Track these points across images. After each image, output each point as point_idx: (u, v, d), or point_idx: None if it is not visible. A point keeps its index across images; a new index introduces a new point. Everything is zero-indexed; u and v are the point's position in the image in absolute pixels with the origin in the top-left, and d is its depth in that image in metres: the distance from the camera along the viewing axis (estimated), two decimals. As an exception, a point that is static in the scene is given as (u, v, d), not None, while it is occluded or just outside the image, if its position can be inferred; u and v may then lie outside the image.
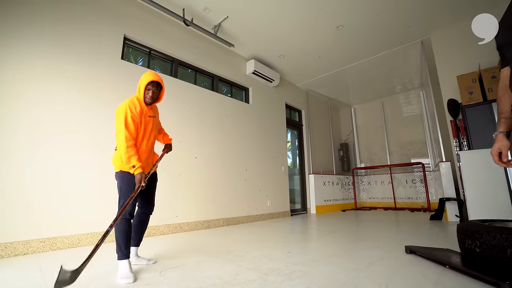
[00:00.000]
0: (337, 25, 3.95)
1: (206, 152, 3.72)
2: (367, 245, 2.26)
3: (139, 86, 1.73)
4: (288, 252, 2.06)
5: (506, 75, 1.07)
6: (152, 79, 1.71)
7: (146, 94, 1.73)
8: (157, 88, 1.76)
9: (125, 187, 1.63)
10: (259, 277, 1.47)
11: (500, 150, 1.01)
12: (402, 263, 1.68)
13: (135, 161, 1.56)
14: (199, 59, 3.92)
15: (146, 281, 1.46)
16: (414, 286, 1.29)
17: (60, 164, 2.40)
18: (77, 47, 2.67)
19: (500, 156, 1.02)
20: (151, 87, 1.73)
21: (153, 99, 1.76)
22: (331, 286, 1.30)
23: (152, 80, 1.71)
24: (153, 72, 1.76)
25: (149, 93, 1.73)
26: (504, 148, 1.01)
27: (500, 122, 1.07)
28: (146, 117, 1.73)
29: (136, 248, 1.82)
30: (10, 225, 2.08)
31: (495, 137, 1.07)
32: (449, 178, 3.72)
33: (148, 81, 1.70)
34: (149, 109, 1.77)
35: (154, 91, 1.75)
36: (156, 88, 1.75)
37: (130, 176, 1.61)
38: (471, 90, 3.37)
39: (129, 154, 1.56)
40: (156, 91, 1.76)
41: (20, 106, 2.26)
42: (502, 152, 1.01)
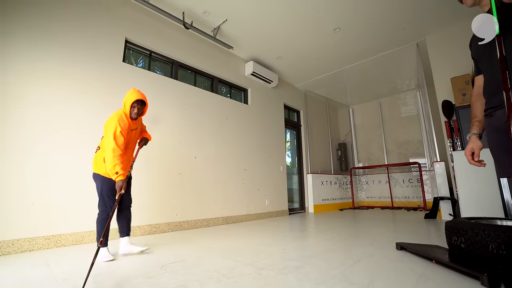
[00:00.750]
0: (334, 28, 4.03)
1: (205, 152, 3.81)
2: (361, 241, 2.34)
3: (125, 103, 2.00)
4: (283, 249, 2.15)
5: (480, 84, 1.16)
6: (137, 97, 1.99)
7: (132, 111, 2.01)
8: (141, 105, 2.06)
9: (105, 189, 1.94)
10: (253, 271, 1.56)
11: (473, 150, 1.10)
12: (391, 259, 1.76)
13: (119, 169, 1.82)
14: (199, 61, 4.00)
15: (148, 274, 1.55)
16: (398, 279, 1.37)
17: (63, 163, 2.48)
18: (79, 48, 2.75)
19: (473, 156, 1.10)
20: (136, 105, 2.01)
21: (138, 115, 2.06)
22: (321, 279, 1.39)
23: (138, 99, 2.00)
24: (136, 91, 2.04)
25: (135, 110, 2.02)
26: (476, 148, 1.10)
27: (473, 125, 1.16)
28: (130, 131, 2.03)
29: (129, 237, 2.08)
30: (16, 223, 2.17)
31: (468, 138, 1.16)
32: (443, 177, 3.80)
33: (134, 100, 1.98)
34: (133, 123, 2.08)
35: (139, 108, 2.04)
36: (141, 105, 2.05)
37: (109, 180, 1.93)
38: (464, 92, 3.45)
39: (114, 163, 1.82)
40: (140, 108, 2.06)
41: (23, 107, 2.34)
42: (475, 152, 1.10)
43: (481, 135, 1.16)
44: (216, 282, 1.38)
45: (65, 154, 2.50)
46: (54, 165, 2.43)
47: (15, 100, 2.30)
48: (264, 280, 1.41)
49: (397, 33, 4.17)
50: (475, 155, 1.12)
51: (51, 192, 2.37)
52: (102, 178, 1.95)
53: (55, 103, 2.51)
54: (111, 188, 1.95)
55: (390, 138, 6.75)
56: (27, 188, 2.26)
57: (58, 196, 2.40)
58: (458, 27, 3.92)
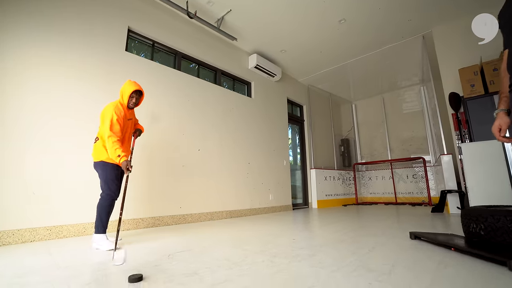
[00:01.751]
0: (339, 19, 3.96)
1: (209, 145, 3.74)
2: (371, 232, 2.28)
3: (123, 93, 2.05)
4: (293, 239, 2.09)
5: (505, 58, 1.11)
6: (136, 88, 2.06)
7: (130, 101, 2.07)
8: (139, 96, 2.12)
9: (110, 173, 1.95)
10: (266, 259, 1.49)
11: (500, 126, 1.05)
12: (406, 247, 1.70)
13: (120, 151, 1.84)
14: (202, 52, 3.93)
15: (154, 263, 1.48)
16: (418, 266, 1.31)
17: (64, 152, 2.41)
18: (80, 36, 2.68)
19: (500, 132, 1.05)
20: (134, 95, 2.08)
21: (135, 104, 2.11)
22: (336, 266, 1.33)
23: (136, 89, 2.06)
24: (134, 82, 2.10)
25: (133, 100, 2.08)
26: (504, 124, 1.04)
27: (501, 101, 1.11)
28: (126, 121, 2.07)
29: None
30: (17, 212, 2.10)
31: (496, 115, 1.10)
32: (451, 170, 3.74)
33: (133, 90, 2.05)
34: (129, 113, 2.12)
35: (137, 98, 2.11)
36: (138, 95, 2.11)
37: (112, 165, 1.95)
38: (472, 83, 3.39)
39: (114, 147, 1.84)
40: (138, 98, 2.12)
41: (21, 93, 2.27)
42: (502, 128, 1.04)
43: (509, 111, 1.10)
44: (227, 269, 1.32)
45: (66, 141, 2.43)
46: (55, 153, 2.36)
47: (13, 86, 2.23)
48: (277, 267, 1.34)
49: (403, 24, 4.10)
50: (502, 131, 1.07)
51: (52, 182, 2.31)
52: (105, 163, 1.95)
53: (53, 89, 2.44)
54: (115, 172, 1.98)
55: (393, 134, 6.70)
56: (27, 177, 2.19)
57: (59, 186, 2.34)
58: (465, 18, 3.86)
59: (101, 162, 1.95)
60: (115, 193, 1.96)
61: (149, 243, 2.05)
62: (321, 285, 1.07)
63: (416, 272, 1.21)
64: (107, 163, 1.95)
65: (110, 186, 1.94)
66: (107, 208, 1.92)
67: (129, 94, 2.04)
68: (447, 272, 1.20)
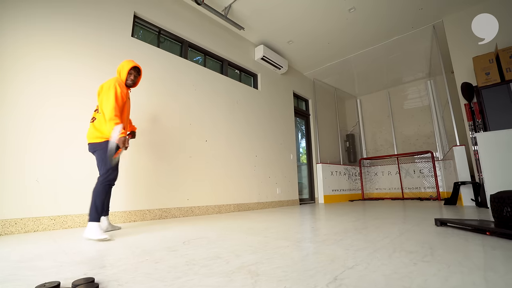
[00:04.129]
0: (349, 8, 3.87)
1: (216, 136, 3.63)
2: (390, 221, 2.18)
3: (120, 70, 1.96)
4: (312, 227, 1.99)
5: None
6: (134, 65, 1.98)
7: (128, 77, 1.98)
8: (138, 73, 2.03)
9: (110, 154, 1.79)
10: (291, 244, 1.39)
11: None
12: (436, 233, 1.60)
13: (119, 119, 1.76)
14: (209, 41, 3.82)
15: (171, 248, 1.37)
16: (460, 248, 1.21)
17: (68, 138, 2.30)
18: (86, 19, 2.57)
19: None
20: (133, 72, 1.99)
21: (134, 82, 2.01)
22: (371, 249, 1.22)
23: (134, 66, 1.98)
24: (131, 60, 2.02)
25: (131, 77, 1.99)
26: None
27: None
28: (126, 99, 1.97)
29: (107, 217, 2.01)
30: (19, 201, 1.99)
31: None
32: (464, 162, 3.65)
33: (131, 66, 1.96)
34: (127, 92, 2.01)
35: (135, 75, 2.01)
36: (137, 73, 2.02)
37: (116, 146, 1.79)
38: (488, 71, 3.30)
39: (116, 120, 1.75)
40: (136, 76, 2.02)
41: (22, 78, 2.16)
42: None
43: None
44: (253, 254, 1.21)
45: (70, 128, 2.32)
46: (59, 140, 2.25)
47: (14, 70, 2.11)
48: (306, 250, 1.24)
49: (413, 13, 4.02)
50: None
51: (57, 169, 2.19)
52: (104, 143, 1.81)
53: (54, 73, 2.33)
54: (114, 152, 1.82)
55: (399, 129, 6.61)
56: (30, 163, 2.07)
57: (64, 173, 2.22)
58: (477, 6, 3.78)
59: (104, 142, 1.81)
60: (115, 178, 1.84)
61: (160, 232, 1.94)
62: (365, 264, 0.96)
63: (462, 253, 1.10)
64: (106, 142, 1.81)
65: (112, 170, 1.81)
66: (103, 194, 1.77)
67: (127, 70, 1.95)
68: (497, 254, 1.10)
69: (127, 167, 2.61)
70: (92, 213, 1.70)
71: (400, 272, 0.88)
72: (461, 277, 0.82)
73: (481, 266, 0.92)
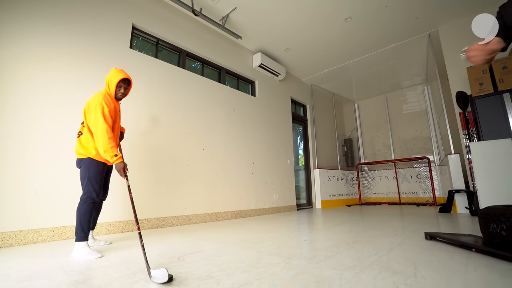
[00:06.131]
0: (345, 17, 3.92)
1: (214, 144, 3.68)
2: (382, 233, 2.23)
3: (109, 82, 1.83)
4: (305, 240, 2.03)
5: None
6: (124, 76, 1.84)
7: (117, 91, 1.86)
8: (127, 85, 1.90)
9: (93, 172, 1.75)
10: (282, 261, 1.43)
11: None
12: (424, 248, 1.64)
13: (116, 151, 1.67)
14: (207, 50, 3.87)
15: (165, 265, 1.42)
16: (443, 267, 1.26)
17: (67, 150, 2.34)
18: (84, 32, 2.62)
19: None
20: (122, 84, 1.86)
21: (124, 95, 1.90)
22: (359, 268, 1.27)
23: (124, 78, 1.84)
24: (121, 69, 1.87)
25: (121, 90, 1.87)
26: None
27: None
28: (117, 112, 1.88)
29: (92, 232, 1.94)
30: (19, 213, 2.03)
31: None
32: (458, 170, 3.69)
33: (120, 79, 1.82)
34: (118, 105, 1.91)
35: (126, 88, 1.89)
36: (127, 85, 1.89)
37: (98, 163, 1.77)
38: (481, 81, 3.35)
39: (111, 144, 1.66)
40: (126, 87, 1.89)
41: (22, 89, 2.20)
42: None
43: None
44: (244, 272, 1.26)
45: (68, 139, 2.36)
46: (57, 152, 2.29)
47: (14, 83, 2.16)
48: (295, 269, 1.28)
49: (409, 23, 4.07)
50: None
51: (55, 181, 2.24)
52: (90, 160, 1.75)
53: (54, 85, 2.37)
54: (99, 172, 1.78)
55: (396, 134, 6.66)
56: (29, 176, 2.12)
57: (63, 185, 2.27)
58: (472, 17, 3.82)
59: (87, 159, 1.74)
60: (98, 195, 1.75)
61: (157, 245, 1.99)
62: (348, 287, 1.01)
63: (444, 275, 1.15)
64: (93, 159, 1.75)
65: (93, 187, 1.73)
66: (87, 213, 1.68)
67: (116, 83, 1.81)
68: (479, 275, 1.14)
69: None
70: (78, 232, 1.64)
71: (380, 297, 0.92)
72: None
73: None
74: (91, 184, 1.73)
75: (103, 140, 1.65)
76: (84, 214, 1.68)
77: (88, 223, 1.71)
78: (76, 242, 1.64)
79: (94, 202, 1.74)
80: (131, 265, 1.43)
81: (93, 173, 1.75)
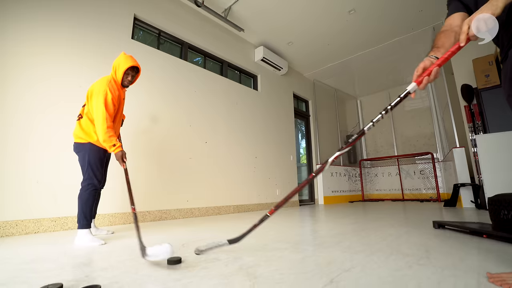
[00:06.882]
0: (349, 9, 3.88)
1: (216, 137, 3.65)
2: (389, 223, 2.20)
3: (116, 68, 1.78)
4: (311, 230, 2.00)
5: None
6: (132, 64, 1.78)
7: (125, 78, 1.81)
8: (136, 72, 1.85)
9: (94, 158, 1.71)
10: (289, 246, 1.40)
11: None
12: (433, 235, 1.61)
13: (115, 140, 1.65)
14: (209, 43, 3.84)
15: (170, 250, 1.38)
16: (455, 251, 1.22)
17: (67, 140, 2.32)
18: (86, 22, 2.59)
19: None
20: (130, 72, 1.81)
21: (131, 82, 1.85)
22: (368, 251, 1.24)
23: (133, 66, 1.79)
24: (130, 56, 1.82)
25: (128, 77, 1.82)
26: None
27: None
28: (121, 100, 1.85)
29: (93, 220, 1.91)
30: (20, 202, 2.01)
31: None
32: (463, 164, 3.66)
33: (128, 66, 1.77)
34: (123, 92, 1.88)
35: (133, 76, 1.84)
36: (135, 73, 1.85)
37: (99, 148, 1.74)
38: (487, 73, 3.31)
39: (109, 133, 1.63)
40: (134, 75, 1.85)
41: (22, 80, 2.18)
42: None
43: None
44: (251, 256, 1.23)
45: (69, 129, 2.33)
46: (59, 141, 2.26)
47: (14, 72, 2.14)
48: (304, 253, 1.25)
49: (413, 15, 4.03)
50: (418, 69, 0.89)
51: (57, 170, 2.21)
52: (90, 146, 1.71)
53: (55, 76, 2.35)
54: (100, 158, 1.75)
55: (399, 130, 6.62)
56: (30, 164, 2.09)
57: (64, 175, 2.24)
58: (478, 9, 3.78)
59: (88, 144, 1.70)
60: (99, 182, 1.72)
61: (159, 235, 1.96)
62: (361, 267, 0.98)
63: (457, 257, 1.12)
64: (94, 145, 1.71)
65: (95, 173, 1.69)
66: (89, 200, 1.65)
67: (124, 70, 1.76)
68: (492, 256, 1.11)
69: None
70: (81, 220, 1.61)
71: (395, 275, 0.89)
72: (454, 280, 0.83)
73: (475, 269, 0.93)
74: (92, 170, 1.70)
75: (102, 129, 1.63)
76: (86, 201, 1.65)
77: (91, 210, 1.68)
78: (79, 229, 1.62)
79: (96, 189, 1.71)
80: (134, 251, 1.40)
81: (94, 159, 1.71)
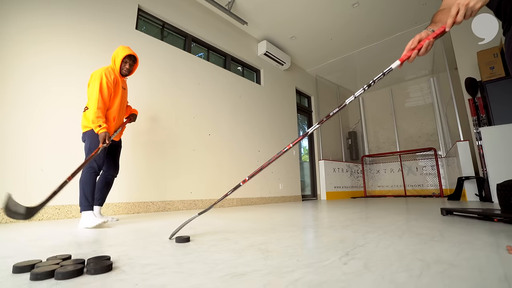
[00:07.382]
0: (353, 3, 3.86)
1: (219, 130, 3.63)
2: (396, 212, 2.18)
3: (115, 58, 1.87)
4: (318, 218, 1.98)
5: None
6: (129, 52, 1.87)
7: (123, 66, 1.89)
8: (133, 61, 1.93)
9: (95, 144, 1.74)
10: (298, 229, 1.39)
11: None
12: (443, 220, 1.59)
13: (101, 121, 1.69)
14: (213, 36, 3.82)
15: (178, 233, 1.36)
16: (470, 234, 1.20)
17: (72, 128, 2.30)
18: (90, 12, 2.58)
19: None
20: (128, 60, 1.89)
21: (129, 71, 1.92)
22: (382, 230, 1.22)
23: (130, 54, 1.87)
24: (127, 47, 1.91)
25: (126, 66, 1.89)
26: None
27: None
28: (121, 88, 1.88)
29: (100, 208, 1.91)
30: (24, 190, 1.99)
31: None
32: (467, 157, 3.64)
33: (126, 54, 1.86)
34: (122, 81, 1.92)
35: (131, 64, 1.92)
36: (132, 61, 1.92)
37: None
38: (492, 65, 3.29)
39: (97, 115, 1.69)
40: (132, 64, 1.92)
41: (26, 67, 2.16)
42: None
43: None
44: (261, 236, 1.21)
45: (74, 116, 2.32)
46: (63, 129, 2.25)
47: (17, 60, 2.12)
48: (314, 234, 1.24)
49: (417, 9, 4.01)
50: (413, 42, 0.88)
51: (62, 158, 2.19)
52: (92, 132, 1.75)
53: (57, 63, 2.33)
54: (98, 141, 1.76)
55: (401, 127, 6.60)
56: (35, 152, 2.07)
57: (70, 162, 2.22)
58: (482, 2, 3.77)
59: (90, 131, 1.76)
60: (99, 166, 1.75)
61: (165, 220, 1.94)
62: (375, 243, 0.96)
63: (472, 235, 1.10)
64: (94, 132, 1.75)
65: (94, 158, 1.72)
66: (90, 182, 1.69)
67: (121, 58, 1.84)
68: (506, 235, 1.09)
69: (130, 159, 2.61)
70: (83, 202, 1.64)
71: (411, 248, 0.87)
72: (473, 252, 0.81)
73: (493, 244, 0.91)
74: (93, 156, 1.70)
75: (93, 110, 1.68)
76: (86, 184, 1.69)
77: (92, 193, 1.69)
78: (82, 212, 1.63)
79: (96, 173, 1.75)
80: (141, 233, 1.39)
81: (94, 144, 1.74)
